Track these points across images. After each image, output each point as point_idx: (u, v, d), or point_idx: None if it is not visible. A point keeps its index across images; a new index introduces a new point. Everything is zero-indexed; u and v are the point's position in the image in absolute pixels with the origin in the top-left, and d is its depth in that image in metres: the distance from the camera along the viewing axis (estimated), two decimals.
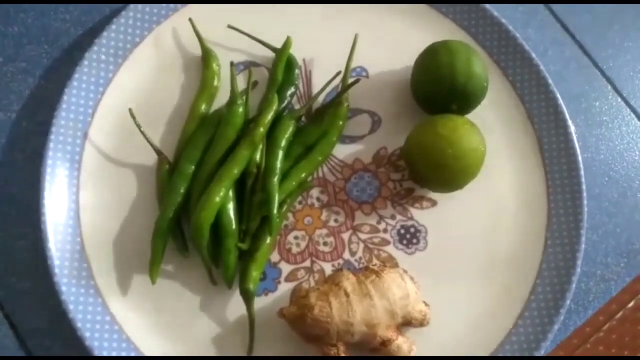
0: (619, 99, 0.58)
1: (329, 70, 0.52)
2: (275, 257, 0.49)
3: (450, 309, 0.49)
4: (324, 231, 0.50)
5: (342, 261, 0.50)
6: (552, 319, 0.48)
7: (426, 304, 0.47)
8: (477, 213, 0.51)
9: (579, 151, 0.52)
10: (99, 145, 0.50)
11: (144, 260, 0.47)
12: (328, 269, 0.49)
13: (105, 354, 0.45)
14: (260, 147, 0.48)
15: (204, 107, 0.51)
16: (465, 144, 0.47)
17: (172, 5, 0.53)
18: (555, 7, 0.60)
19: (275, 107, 0.49)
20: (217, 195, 0.45)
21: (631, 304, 0.53)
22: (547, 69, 0.54)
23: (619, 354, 0.52)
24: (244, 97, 0.49)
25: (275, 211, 0.46)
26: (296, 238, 0.50)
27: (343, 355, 0.44)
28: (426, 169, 0.48)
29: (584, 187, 0.51)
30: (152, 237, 0.46)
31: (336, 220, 0.50)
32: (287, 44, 0.52)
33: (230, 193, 0.47)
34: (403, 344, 0.45)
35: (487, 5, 0.54)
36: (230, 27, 0.53)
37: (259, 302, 0.48)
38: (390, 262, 0.50)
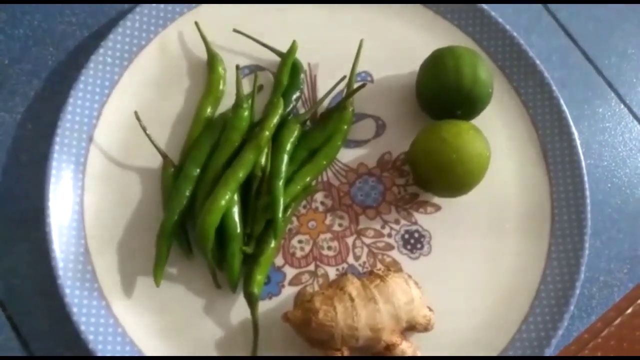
0: (622, 106, 0.58)
1: (334, 74, 0.52)
2: (279, 260, 0.49)
3: (454, 314, 0.49)
4: (328, 235, 0.50)
5: (346, 265, 0.50)
6: (555, 325, 0.48)
7: (430, 309, 0.47)
8: (481, 218, 0.52)
9: (582, 157, 0.52)
10: (104, 147, 0.50)
11: (148, 262, 0.47)
12: (332, 273, 0.49)
13: (108, 356, 0.44)
14: (265, 150, 0.48)
15: (209, 110, 0.51)
16: (469, 149, 0.47)
17: (177, 9, 0.53)
18: (559, 13, 0.60)
19: (280, 110, 0.49)
20: (222, 198, 0.45)
21: (629, 310, 0.53)
22: (550, 75, 0.54)
23: None
24: (249, 101, 0.50)
25: (280, 215, 0.46)
26: (300, 242, 0.50)
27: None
28: (430, 173, 0.48)
29: (587, 192, 0.51)
30: (157, 239, 0.46)
31: (340, 225, 0.50)
32: (293, 48, 0.52)
33: (235, 196, 0.47)
34: (407, 348, 0.45)
35: (492, 12, 0.55)
36: (235, 30, 0.53)
37: (263, 306, 0.48)
38: (394, 267, 0.50)
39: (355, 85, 0.50)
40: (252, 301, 0.45)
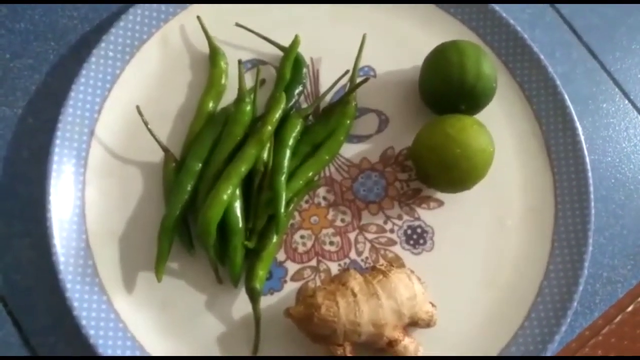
0: (626, 101, 0.58)
1: (337, 69, 0.52)
2: (281, 255, 0.49)
3: (456, 309, 0.49)
4: (330, 230, 0.50)
5: (348, 260, 0.49)
6: (558, 321, 0.47)
7: (433, 305, 0.47)
8: (484, 214, 0.51)
9: (586, 152, 0.52)
10: (105, 142, 0.50)
11: (150, 257, 0.47)
12: (334, 268, 0.49)
13: (109, 351, 0.44)
14: (268, 145, 0.48)
15: (211, 104, 0.50)
16: (473, 144, 0.46)
17: (179, 2, 0.53)
18: (563, 8, 0.60)
19: (282, 105, 0.49)
20: (224, 193, 0.45)
21: (630, 308, 0.53)
22: (554, 71, 0.54)
23: None
24: (252, 95, 0.49)
25: (282, 210, 0.46)
26: (302, 237, 0.50)
27: (349, 355, 0.44)
28: (434, 168, 0.47)
29: (591, 188, 0.51)
30: (158, 234, 0.46)
31: (342, 220, 0.50)
32: (295, 42, 0.52)
33: (237, 191, 0.47)
34: (409, 344, 0.45)
35: (496, 6, 0.54)
36: (238, 25, 0.53)
37: (265, 301, 0.47)
38: (397, 262, 0.49)
39: (358, 80, 0.50)
40: (254, 296, 0.45)
